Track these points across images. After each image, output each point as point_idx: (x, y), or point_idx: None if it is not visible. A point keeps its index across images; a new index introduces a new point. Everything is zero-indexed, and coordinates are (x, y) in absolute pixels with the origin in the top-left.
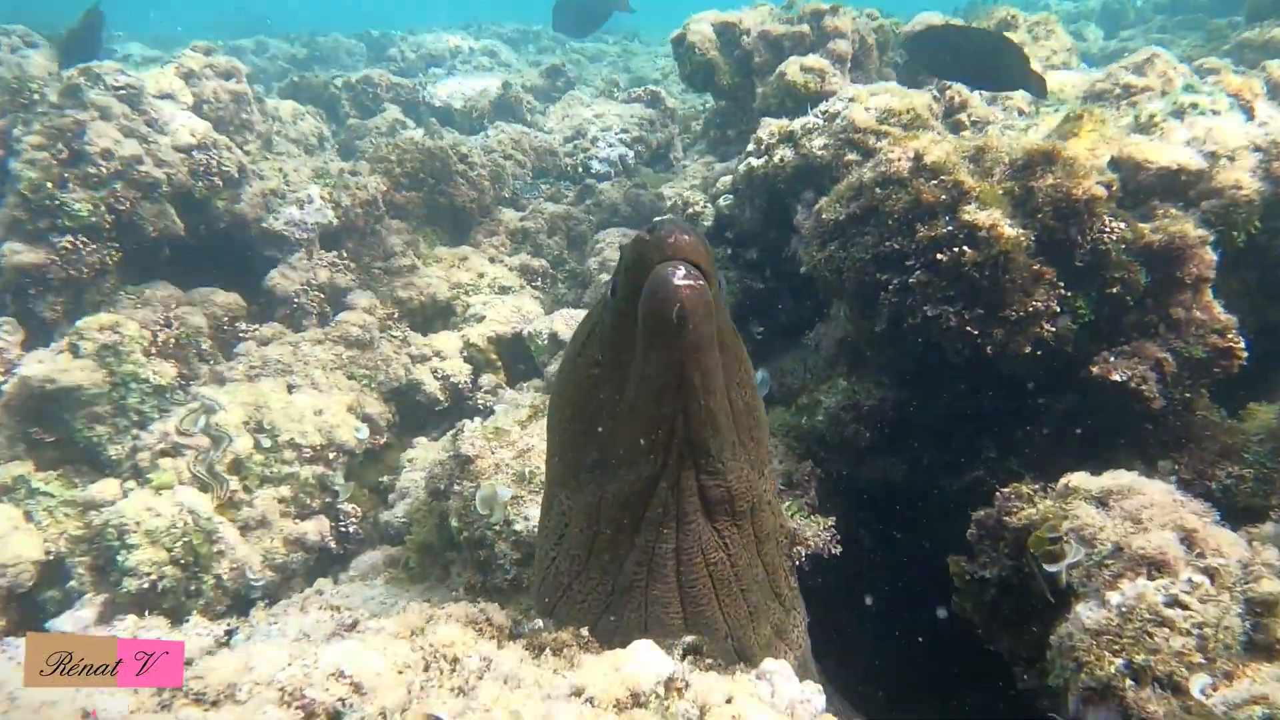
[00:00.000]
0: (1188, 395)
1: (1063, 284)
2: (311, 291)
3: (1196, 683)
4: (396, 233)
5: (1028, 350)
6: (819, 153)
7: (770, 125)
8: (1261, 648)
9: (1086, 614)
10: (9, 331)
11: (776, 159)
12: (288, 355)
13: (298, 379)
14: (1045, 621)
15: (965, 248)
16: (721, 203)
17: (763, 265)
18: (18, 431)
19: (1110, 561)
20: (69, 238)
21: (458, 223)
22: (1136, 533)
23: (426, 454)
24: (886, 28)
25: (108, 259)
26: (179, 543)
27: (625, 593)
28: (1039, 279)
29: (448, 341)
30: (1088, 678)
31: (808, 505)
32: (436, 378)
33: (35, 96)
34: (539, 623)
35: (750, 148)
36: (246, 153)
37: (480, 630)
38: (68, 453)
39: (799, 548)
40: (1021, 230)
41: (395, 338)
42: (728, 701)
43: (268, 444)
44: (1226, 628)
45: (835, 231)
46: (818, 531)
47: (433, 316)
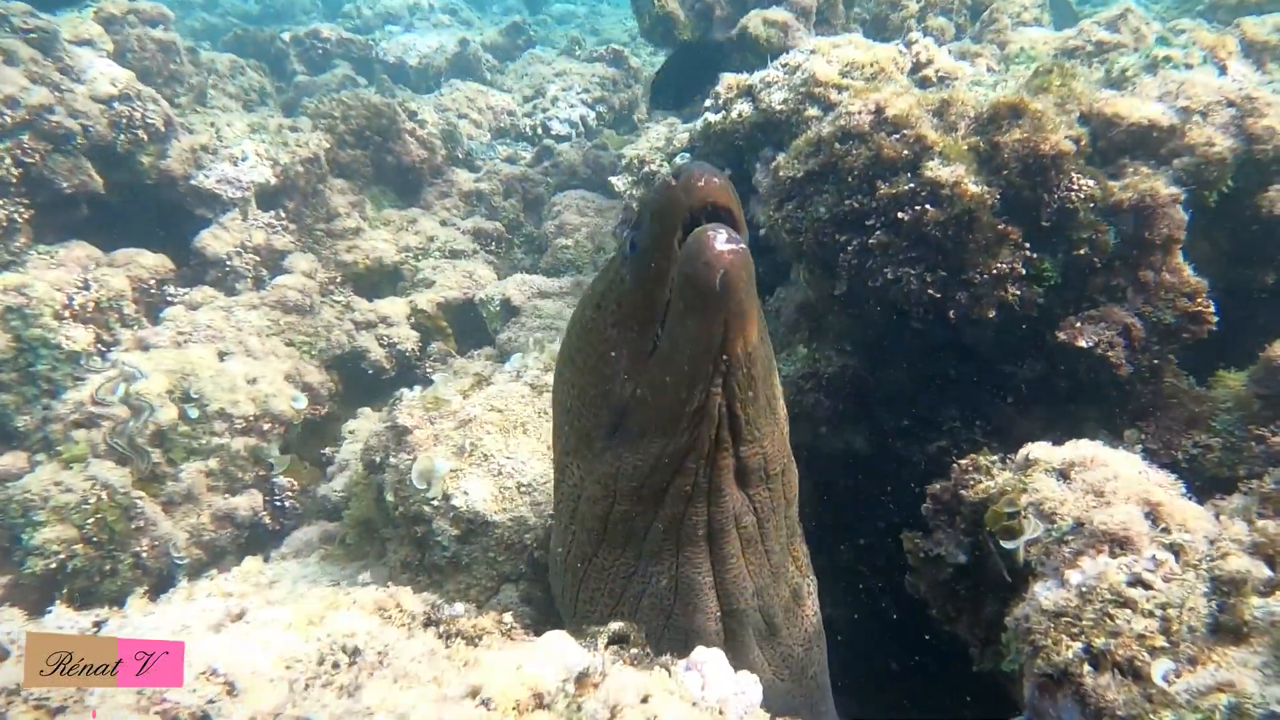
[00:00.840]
0: (1155, 362)
1: (1028, 245)
2: (246, 254)
3: (1159, 668)
4: (341, 193)
5: (992, 315)
6: (778, 107)
7: (728, 79)
8: (1228, 630)
9: (1044, 594)
10: None
11: (734, 114)
12: (219, 320)
13: (230, 345)
14: (1002, 601)
15: (928, 206)
16: (678, 161)
17: None
18: None
19: (1071, 538)
20: None
21: (407, 184)
22: (1099, 507)
23: (369, 425)
24: None
25: (16, 216)
26: (91, 519)
27: (654, 558)
28: (1004, 239)
29: (394, 307)
30: (1043, 663)
31: None
32: (382, 345)
33: None
34: (459, 607)
35: (708, 103)
36: (176, 106)
37: (388, 618)
38: None
39: None
40: (986, 188)
41: (338, 303)
42: (644, 700)
43: (195, 414)
44: (1191, 609)
45: (793, 190)
46: None
47: (379, 282)
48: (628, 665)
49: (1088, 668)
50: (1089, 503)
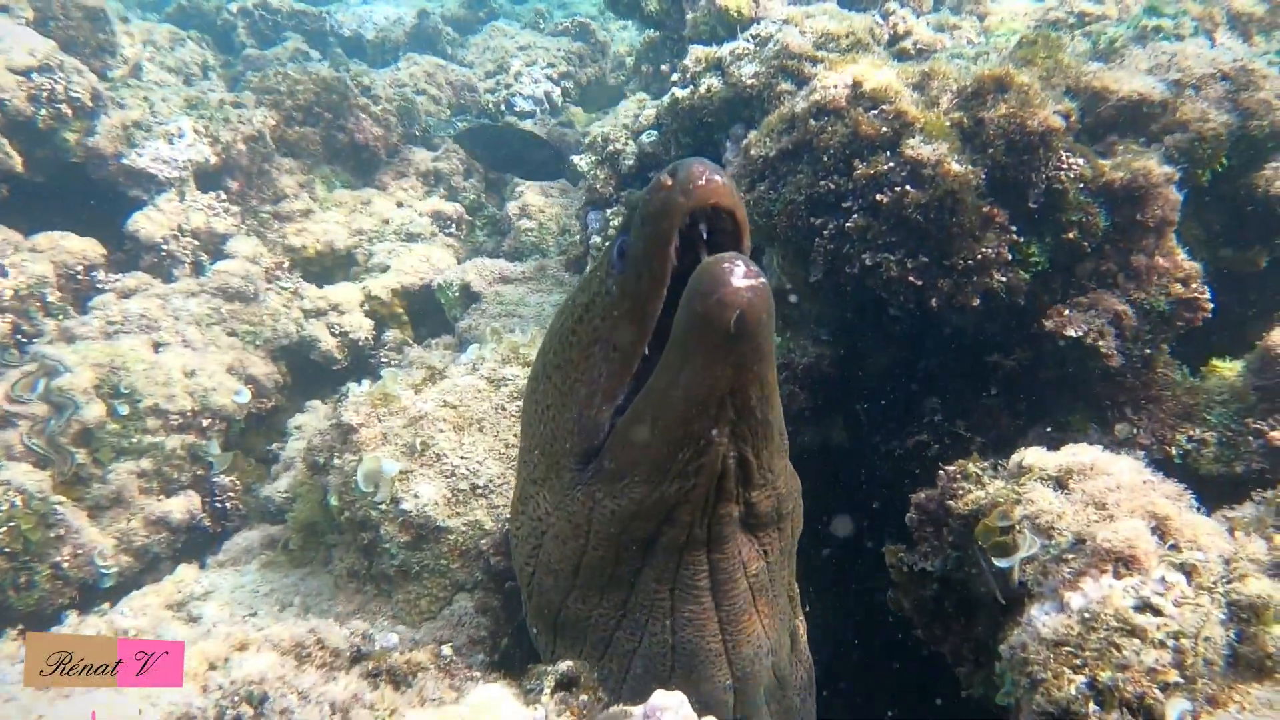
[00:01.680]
0: (1147, 352)
1: (1014, 228)
2: (184, 237)
3: (1174, 709)
4: (289, 173)
5: (976, 303)
6: (749, 82)
7: (697, 53)
8: (1249, 664)
9: (1042, 619)
10: None
11: (703, 89)
12: (154, 309)
13: (166, 336)
14: (995, 621)
15: (908, 187)
16: (644, 139)
17: None
18: None
19: (1070, 556)
20: None
21: (361, 163)
22: (1101, 521)
23: (316, 420)
24: None
25: None
26: (3, 528)
27: (645, 611)
28: (989, 222)
29: (347, 294)
30: (1043, 700)
31: None
32: (334, 334)
33: None
34: (392, 638)
35: (675, 77)
36: (107, 80)
37: (307, 656)
38: None
39: None
40: (970, 167)
41: (285, 289)
42: None
43: (125, 411)
44: (1207, 639)
45: (765, 170)
46: None
47: (331, 267)
48: (574, 718)
49: (1093, 706)
50: (1090, 516)
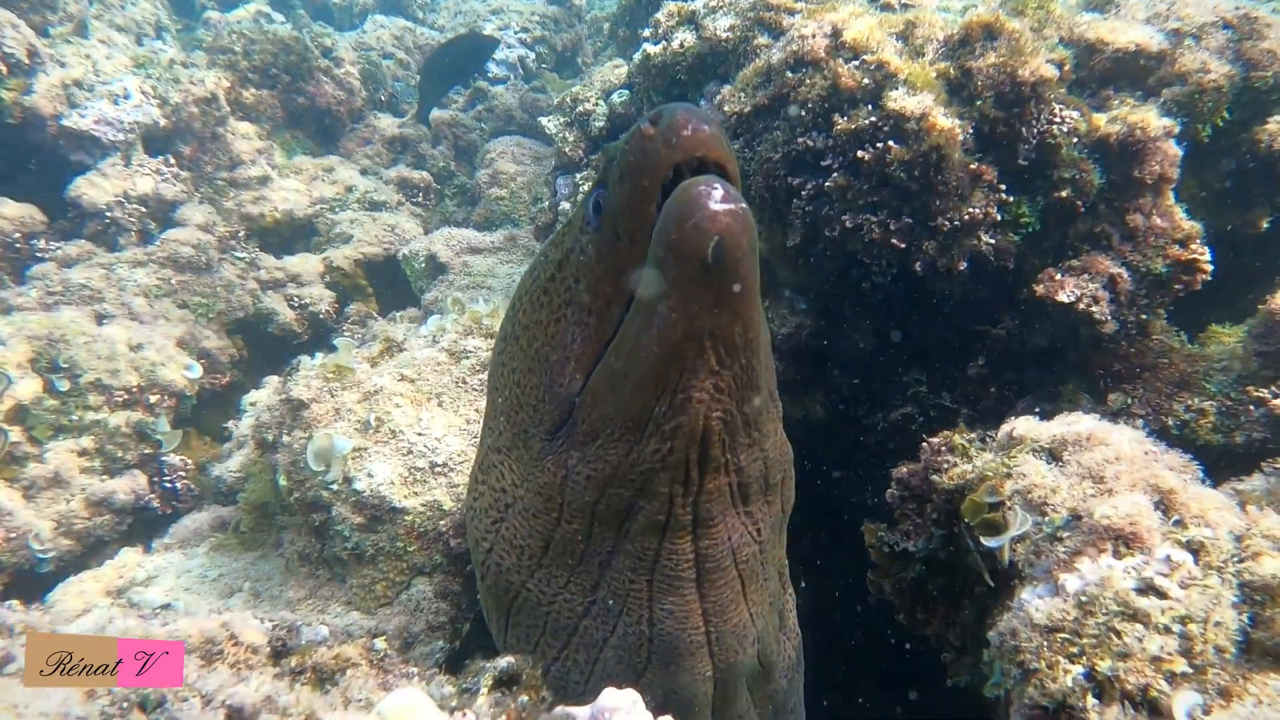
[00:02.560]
0: (1143, 317)
1: (1004, 187)
2: (130, 204)
3: (1182, 703)
4: (245, 138)
5: (962, 267)
6: (724, 35)
7: (670, 6)
8: (1264, 651)
9: (1035, 603)
10: None
11: (676, 45)
12: (98, 279)
13: (111, 308)
14: (982, 605)
15: (891, 143)
16: (615, 99)
17: None
18: None
19: (1065, 534)
20: None
21: (323, 128)
22: (1099, 496)
23: (270, 394)
24: None
25: None
26: None
27: (618, 599)
28: (977, 180)
29: (306, 265)
30: (1036, 692)
31: None
32: (292, 307)
33: None
34: (322, 631)
35: (646, 33)
36: (47, 37)
37: (218, 654)
38: None
39: None
40: (957, 121)
41: (241, 260)
42: None
43: (65, 386)
44: (1218, 623)
45: (739, 127)
46: None
47: (291, 237)
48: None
49: (1091, 699)
50: (1086, 490)
